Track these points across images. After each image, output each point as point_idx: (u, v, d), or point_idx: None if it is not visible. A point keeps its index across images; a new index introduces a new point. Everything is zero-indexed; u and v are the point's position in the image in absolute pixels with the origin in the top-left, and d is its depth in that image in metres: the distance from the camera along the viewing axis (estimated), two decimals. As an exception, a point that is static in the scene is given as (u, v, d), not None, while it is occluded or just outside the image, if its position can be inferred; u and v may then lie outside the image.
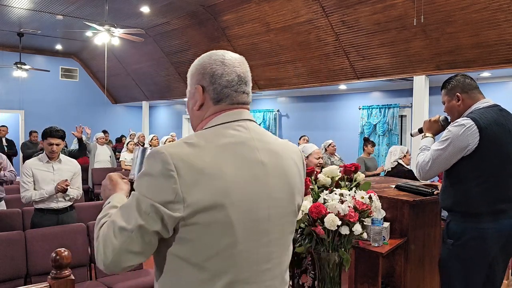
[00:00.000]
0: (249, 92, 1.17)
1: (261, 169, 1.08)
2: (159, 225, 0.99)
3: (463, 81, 2.30)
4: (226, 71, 1.11)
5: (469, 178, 2.15)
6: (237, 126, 1.10)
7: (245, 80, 1.15)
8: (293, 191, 1.16)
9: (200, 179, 0.98)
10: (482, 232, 2.10)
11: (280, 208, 1.11)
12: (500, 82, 6.32)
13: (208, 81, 1.12)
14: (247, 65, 1.18)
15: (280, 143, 1.19)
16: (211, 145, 1.04)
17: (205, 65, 1.13)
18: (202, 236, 1.00)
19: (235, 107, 1.13)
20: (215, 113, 1.12)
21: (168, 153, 0.99)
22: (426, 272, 2.57)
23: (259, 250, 1.06)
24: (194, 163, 0.99)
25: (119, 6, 7.77)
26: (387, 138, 7.68)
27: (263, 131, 1.17)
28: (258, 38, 7.48)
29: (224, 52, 1.15)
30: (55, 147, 3.59)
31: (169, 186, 0.97)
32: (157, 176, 0.99)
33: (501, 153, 2.12)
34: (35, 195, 3.53)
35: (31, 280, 3.30)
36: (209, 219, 0.99)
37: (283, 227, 1.13)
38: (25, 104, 12.38)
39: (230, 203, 1.00)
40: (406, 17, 5.42)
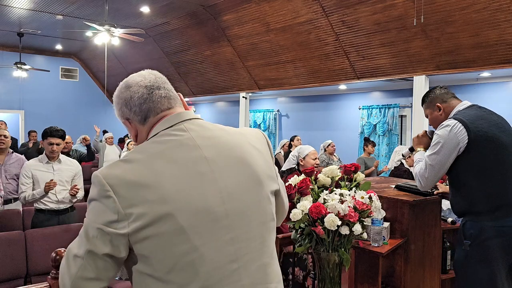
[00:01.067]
0: (168, 95, 1.13)
1: (206, 166, 1.03)
2: (108, 247, 0.98)
3: (440, 93, 2.42)
4: (132, 91, 1.11)
5: (471, 177, 2.15)
6: (172, 131, 1.07)
7: (155, 86, 1.13)
8: (258, 178, 1.10)
9: (137, 192, 0.97)
10: (497, 231, 2.10)
11: (241, 201, 1.05)
12: (500, 82, 6.32)
13: (127, 111, 1.13)
14: (155, 75, 1.16)
15: (232, 133, 1.14)
16: (146, 156, 1.02)
17: (117, 100, 1.15)
18: (156, 250, 0.97)
19: (161, 116, 1.11)
20: (148, 131, 1.12)
21: (102, 175, 0.99)
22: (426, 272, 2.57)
23: (222, 250, 1.01)
24: (129, 178, 0.98)
25: (119, 6, 7.77)
26: (387, 138, 7.68)
27: (208, 126, 1.12)
28: (258, 38, 7.48)
29: (128, 76, 1.16)
30: (55, 147, 3.58)
31: (110, 206, 0.97)
32: (97, 199, 0.99)
33: (494, 147, 2.13)
34: (28, 196, 3.54)
35: (31, 280, 3.30)
36: (157, 231, 0.96)
37: (251, 219, 1.06)
38: (25, 104, 12.38)
39: (176, 209, 0.97)
40: (406, 17, 5.42)
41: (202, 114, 12.52)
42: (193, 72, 9.86)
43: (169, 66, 10.32)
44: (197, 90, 10.35)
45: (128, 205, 0.96)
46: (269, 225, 1.11)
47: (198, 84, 10.12)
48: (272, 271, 1.11)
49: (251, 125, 10.23)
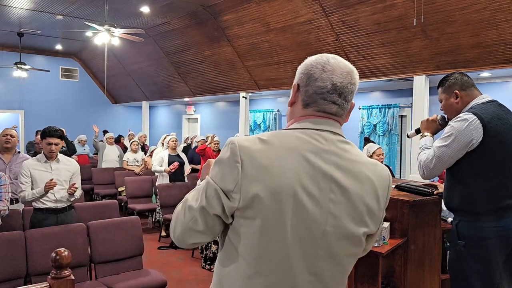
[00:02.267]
0: (342, 105, 1.11)
1: (327, 183, 1.04)
2: (219, 209, 1.04)
3: (461, 79, 2.29)
4: (322, 77, 1.09)
5: (473, 175, 2.12)
6: (317, 135, 1.08)
7: (340, 91, 1.10)
8: (362, 217, 1.09)
9: (261, 175, 1.01)
10: (491, 232, 2.08)
11: (340, 228, 1.06)
12: (500, 82, 6.32)
13: (304, 82, 1.12)
14: (352, 77, 1.12)
15: (365, 164, 1.12)
16: (282, 146, 1.04)
17: (307, 66, 1.13)
18: (254, 232, 1.02)
19: (320, 115, 1.11)
20: (301, 116, 1.13)
21: (239, 145, 1.03)
22: (426, 272, 2.56)
23: (306, 260, 1.04)
24: (260, 159, 1.01)
25: (119, 6, 7.77)
26: (387, 138, 7.68)
27: (348, 147, 1.11)
28: (258, 38, 7.48)
29: (333, 57, 1.12)
30: (54, 147, 3.58)
31: (232, 176, 1.02)
32: (225, 163, 1.04)
33: (504, 148, 2.09)
34: (27, 195, 3.53)
35: (31, 280, 3.30)
36: (262, 215, 1.00)
37: (341, 247, 1.08)
38: (25, 104, 12.38)
39: (288, 205, 1.00)
40: (406, 17, 5.42)
41: (202, 114, 12.52)
42: (193, 72, 9.85)
43: (169, 66, 10.32)
44: (197, 90, 10.34)
45: (248, 182, 1.01)
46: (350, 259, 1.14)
47: (198, 84, 10.11)
48: None
49: (251, 125, 10.22)
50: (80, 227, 3.65)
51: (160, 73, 10.90)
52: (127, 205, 6.94)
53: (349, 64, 1.14)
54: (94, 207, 4.69)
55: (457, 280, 2.21)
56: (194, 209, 1.07)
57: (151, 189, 6.98)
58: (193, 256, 5.38)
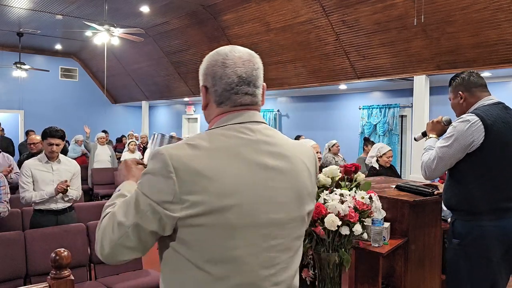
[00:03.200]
0: (254, 93, 1.12)
1: (264, 172, 1.05)
2: (155, 225, 1.01)
3: (467, 79, 2.29)
4: (225, 73, 1.09)
5: (473, 176, 2.13)
6: (242, 128, 1.08)
7: (248, 80, 1.10)
8: (302, 197, 1.12)
9: (199, 181, 0.98)
10: (487, 231, 2.08)
11: (285, 214, 1.08)
12: (500, 82, 6.32)
13: (210, 83, 1.12)
14: (255, 63, 1.12)
15: (292, 146, 1.15)
16: (212, 147, 1.03)
17: (208, 66, 1.12)
18: (201, 239, 1.00)
19: (238, 109, 1.11)
20: (219, 114, 1.12)
21: (168, 154, 1.00)
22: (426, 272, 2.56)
23: (261, 255, 1.04)
24: (194, 165, 0.99)
25: (119, 6, 7.77)
26: (388, 138, 7.68)
27: (274, 133, 1.13)
28: (258, 38, 7.48)
29: (230, 50, 1.11)
30: (55, 147, 3.57)
31: (168, 187, 0.98)
32: (157, 175, 1.00)
33: (505, 151, 2.10)
34: (35, 196, 3.50)
35: (30, 280, 3.30)
36: (208, 222, 0.98)
37: (289, 232, 1.10)
38: (25, 104, 12.38)
39: (230, 206, 0.99)
40: (406, 17, 5.41)
41: (202, 114, 12.50)
42: (193, 72, 9.85)
43: (169, 66, 10.32)
44: (197, 90, 10.34)
45: (187, 191, 0.98)
46: (299, 241, 1.16)
47: (198, 84, 10.09)
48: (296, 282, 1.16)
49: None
50: (80, 227, 3.65)
51: (160, 73, 10.90)
52: (126, 205, 6.93)
53: (248, 51, 1.13)
54: (93, 207, 4.68)
55: (452, 278, 2.23)
56: (125, 225, 1.02)
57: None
58: (193, 256, 5.37)
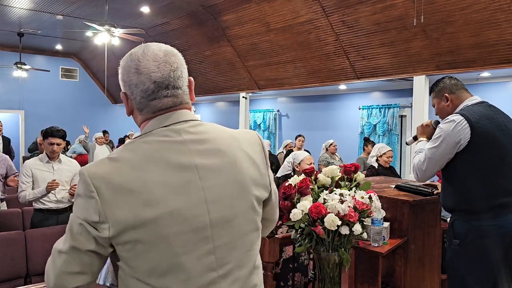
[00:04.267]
0: (174, 94, 1.06)
1: (194, 173, 1.01)
2: (92, 244, 0.97)
3: (449, 83, 2.38)
4: (140, 80, 1.03)
5: (465, 175, 2.16)
6: (166, 131, 1.03)
7: (165, 84, 1.04)
8: (246, 187, 1.07)
9: (122, 196, 0.94)
10: (486, 231, 2.09)
11: (225, 211, 1.03)
12: (500, 82, 6.32)
13: (128, 90, 1.06)
14: (171, 63, 1.05)
15: (226, 136, 1.10)
16: (135, 157, 0.99)
17: (123, 72, 1.07)
18: (136, 254, 0.96)
19: (159, 113, 1.06)
20: (142, 122, 1.08)
21: (88, 173, 0.97)
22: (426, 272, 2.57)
23: (203, 259, 0.99)
24: (114, 180, 0.95)
25: (119, 6, 7.77)
26: (387, 138, 7.68)
27: (205, 128, 1.08)
28: (258, 38, 7.48)
29: (142, 54, 1.05)
30: (55, 147, 3.58)
31: (92, 207, 0.95)
32: (82, 197, 0.97)
33: (494, 148, 2.13)
34: (28, 195, 3.53)
35: (31, 280, 3.30)
36: (138, 236, 0.94)
37: (235, 229, 1.05)
38: (25, 104, 12.38)
39: (158, 216, 0.95)
40: (406, 17, 5.42)
41: (202, 114, 12.52)
42: (193, 72, 9.86)
43: (169, 66, 10.32)
44: (197, 90, 10.31)
45: (111, 209, 0.94)
46: (252, 235, 1.09)
47: (198, 84, 10.12)
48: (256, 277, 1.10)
49: (251, 125, 10.22)
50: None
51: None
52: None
53: (162, 49, 1.06)
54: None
55: (453, 279, 2.24)
56: (63, 251, 0.99)
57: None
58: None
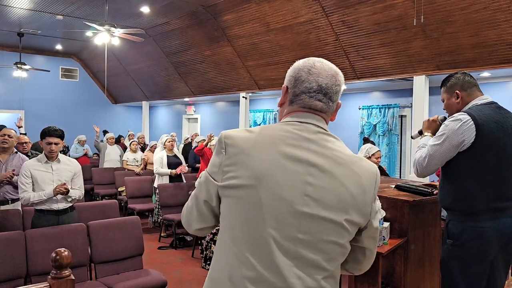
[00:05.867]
0: (327, 102, 1.19)
1: (305, 167, 1.10)
2: (205, 194, 1.17)
3: (463, 79, 2.31)
4: (308, 79, 1.18)
5: (465, 175, 2.13)
6: (299, 126, 1.16)
7: (325, 90, 1.18)
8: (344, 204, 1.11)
9: (241, 158, 1.11)
10: (481, 232, 2.08)
11: (320, 211, 1.09)
12: (500, 82, 6.32)
13: (292, 84, 1.21)
14: (337, 80, 1.20)
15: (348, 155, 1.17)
16: (265, 134, 1.15)
17: (295, 69, 1.22)
18: (233, 210, 1.12)
19: (305, 110, 1.18)
20: (289, 112, 1.21)
21: (224, 134, 1.17)
22: (426, 272, 2.57)
23: (285, 242, 1.07)
24: (241, 143, 1.13)
25: (119, 6, 7.77)
26: (387, 138, 7.68)
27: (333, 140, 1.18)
28: (258, 38, 7.48)
29: (319, 61, 1.21)
30: (54, 146, 3.56)
31: (218, 160, 1.15)
32: (215, 152, 1.18)
33: (497, 151, 2.11)
34: (33, 197, 3.49)
35: (31, 280, 3.30)
36: (240, 195, 1.10)
37: (321, 231, 1.09)
38: (25, 104, 12.38)
39: (263, 186, 1.08)
40: (406, 17, 5.42)
41: (202, 114, 12.52)
42: (193, 72, 9.85)
43: (169, 66, 10.32)
44: (197, 90, 10.34)
45: (229, 164, 1.12)
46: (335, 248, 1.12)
47: (198, 84, 10.11)
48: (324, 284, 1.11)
49: (251, 125, 10.22)
50: (80, 227, 3.65)
51: (160, 73, 10.90)
52: (127, 205, 6.94)
53: (335, 67, 1.23)
54: (94, 207, 4.68)
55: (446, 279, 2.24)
56: (193, 197, 1.22)
57: (151, 189, 6.98)
58: (193, 256, 5.38)
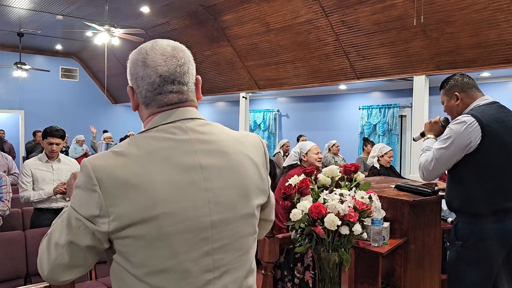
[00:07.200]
0: (180, 90, 1.05)
1: (198, 173, 1.00)
2: (89, 239, 0.96)
3: (461, 80, 2.30)
4: (146, 73, 1.03)
5: (473, 177, 2.13)
6: (172, 128, 1.02)
7: (170, 78, 1.04)
8: (248, 192, 1.07)
9: (125, 191, 0.93)
10: (489, 233, 2.08)
11: (228, 213, 1.03)
12: (500, 82, 6.32)
13: (135, 84, 1.06)
14: (179, 58, 1.06)
15: (232, 139, 1.09)
16: (140, 152, 0.98)
17: (131, 65, 1.07)
18: (135, 250, 0.95)
19: (165, 109, 1.05)
20: (148, 116, 1.07)
21: (91, 165, 0.95)
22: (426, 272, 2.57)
23: (201, 260, 0.99)
24: (118, 174, 0.94)
25: (119, 6, 7.77)
26: (387, 138, 7.68)
27: (211, 128, 1.08)
28: (258, 38, 7.48)
29: (151, 48, 1.06)
30: (55, 146, 3.58)
31: (94, 200, 0.94)
32: (83, 189, 0.96)
33: (503, 151, 2.10)
34: (33, 196, 3.51)
35: (31, 280, 3.30)
36: (139, 232, 0.93)
37: (234, 231, 1.04)
38: (25, 104, 12.38)
39: (161, 214, 0.94)
40: (406, 17, 5.42)
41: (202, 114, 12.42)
42: (193, 72, 9.85)
43: (169, 66, 10.32)
44: (197, 90, 10.34)
45: (113, 203, 0.93)
46: (250, 238, 1.10)
47: (198, 84, 10.11)
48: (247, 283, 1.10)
49: (251, 125, 10.22)
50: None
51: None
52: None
53: (172, 45, 1.08)
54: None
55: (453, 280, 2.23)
56: (60, 245, 0.98)
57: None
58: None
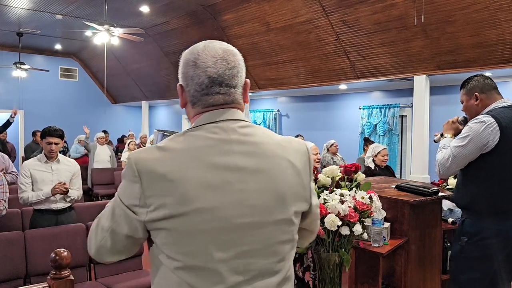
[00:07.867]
0: (227, 92, 1.07)
1: (234, 174, 1.00)
2: (127, 229, 1.02)
3: (483, 82, 2.35)
4: (196, 73, 1.06)
5: (486, 176, 2.16)
6: (214, 128, 1.04)
7: (218, 80, 1.06)
8: (285, 198, 1.05)
9: (162, 185, 0.97)
10: (498, 232, 2.11)
11: (261, 216, 1.01)
12: (500, 82, 6.30)
13: (184, 82, 1.09)
14: (229, 61, 1.07)
15: (273, 143, 1.08)
16: (180, 149, 1.01)
17: (182, 64, 1.10)
18: (168, 244, 0.99)
19: (210, 109, 1.07)
20: (195, 115, 1.10)
21: (134, 158, 1.01)
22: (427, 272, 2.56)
23: (231, 261, 0.99)
24: (157, 169, 0.98)
25: (119, 5, 7.76)
26: (388, 138, 7.67)
27: (253, 130, 1.08)
28: (258, 38, 7.47)
29: (202, 49, 1.08)
30: (54, 146, 3.57)
31: (134, 191, 1.00)
32: (127, 180, 1.02)
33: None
34: (31, 197, 3.49)
35: (30, 280, 3.29)
36: (172, 226, 0.97)
37: (268, 236, 1.03)
38: (25, 104, 12.36)
39: (192, 211, 0.96)
40: (406, 16, 5.41)
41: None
42: (193, 72, 9.84)
43: (169, 66, 10.31)
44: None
45: (151, 195, 0.98)
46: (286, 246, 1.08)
47: (198, 84, 10.10)
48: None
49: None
50: (80, 227, 3.64)
51: (160, 73, 10.89)
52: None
53: (223, 47, 1.09)
54: (93, 207, 4.67)
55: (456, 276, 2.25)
56: (104, 229, 1.05)
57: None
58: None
